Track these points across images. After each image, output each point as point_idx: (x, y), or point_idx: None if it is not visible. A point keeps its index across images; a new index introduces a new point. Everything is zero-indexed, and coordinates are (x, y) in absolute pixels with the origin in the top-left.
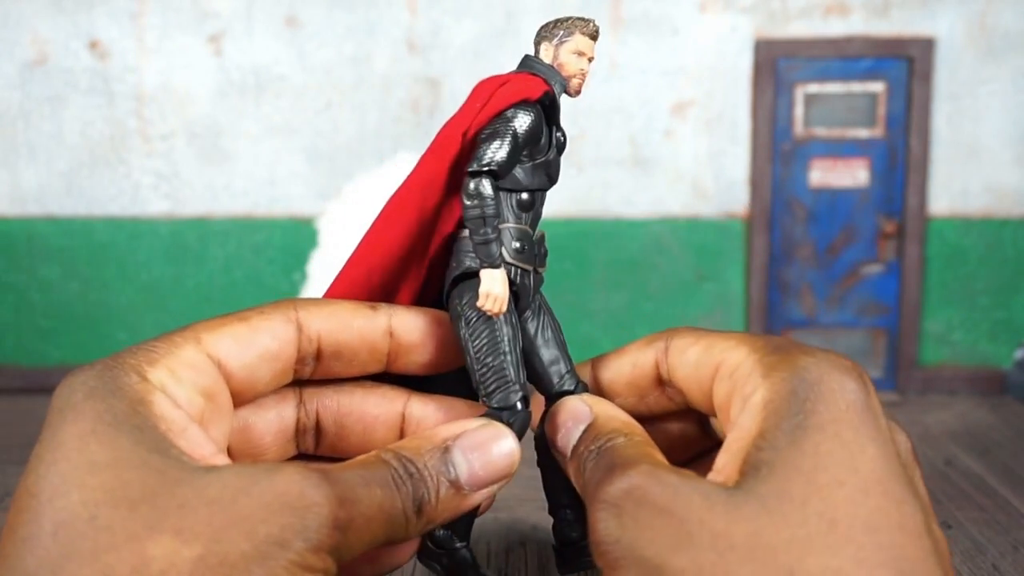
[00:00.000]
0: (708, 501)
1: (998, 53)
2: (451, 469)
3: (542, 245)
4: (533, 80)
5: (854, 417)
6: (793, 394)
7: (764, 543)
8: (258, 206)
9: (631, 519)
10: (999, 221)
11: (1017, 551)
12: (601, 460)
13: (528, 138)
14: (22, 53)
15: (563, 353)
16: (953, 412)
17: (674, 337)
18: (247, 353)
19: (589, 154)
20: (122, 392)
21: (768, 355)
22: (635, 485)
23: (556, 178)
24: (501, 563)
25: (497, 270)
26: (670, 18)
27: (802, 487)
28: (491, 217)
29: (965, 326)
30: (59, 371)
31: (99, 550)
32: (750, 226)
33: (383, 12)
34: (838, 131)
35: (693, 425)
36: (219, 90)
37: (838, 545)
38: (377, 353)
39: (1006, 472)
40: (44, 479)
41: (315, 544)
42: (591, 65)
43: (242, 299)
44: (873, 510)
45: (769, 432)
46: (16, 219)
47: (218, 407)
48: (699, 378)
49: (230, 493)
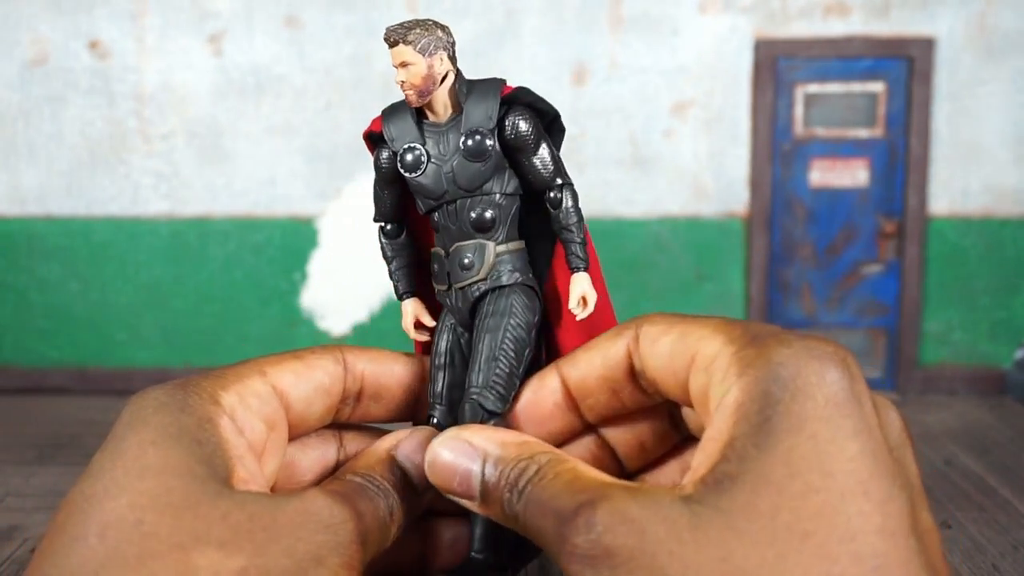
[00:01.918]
0: (674, 528)
1: (998, 53)
2: (399, 475)
3: (459, 258)
4: (371, 124)
5: (833, 412)
6: (766, 395)
7: (735, 568)
8: (258, 206)
9: (605, 568)
10: (999, 221)
11: (1017, 551)
12: (535, 505)
13: (382, 178)
14: (22, 53)
15: (476, 364)
16: (953, 412)
17: (644, 324)
18: (305, 387)
19: (589, 154)
20: (191, 409)
21: (744, 348)
22: (601, 535)
23: (438, 192)
24: None
25: (404, 303)
26: (670, 18)
27: (772, 499)
28: (386, 261)
29: (965, 326)
30: (59, 371)
31: (145, 556)
32: (750, 226)
33: (383, 12)
34: (838, 131)
35: (664, 421)
36: (219, 90)
37: (811, 561)
38: (411, 397)
39: (1006, 472)
40: (99, 482)
41: (347, 560)
42: (412, 70)
43: (242, 299)
44: (851, 516)
45: (738, 441)
46: (16, 219)
47: (277, 438)
48: (674, 369)
49: (268, 510)
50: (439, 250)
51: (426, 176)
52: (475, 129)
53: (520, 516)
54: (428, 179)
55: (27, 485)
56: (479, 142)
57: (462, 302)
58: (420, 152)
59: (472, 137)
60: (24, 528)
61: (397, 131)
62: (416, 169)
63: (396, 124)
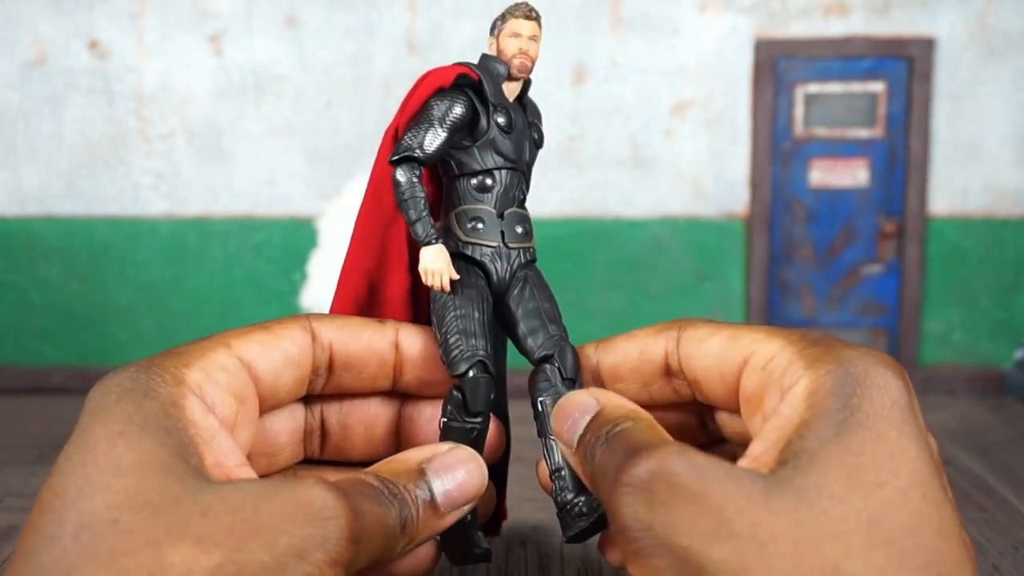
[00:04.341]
0: (745, 489)
1: (998, 53)
2: (427, 491)
3: (516, 223)
4: (447, 69)
5: (897, 416)
6: (839, 387)
7: (806, 536)
8: (258, 206)
9: (663, 504)
10: (999, 221)
11: (1017, 551)
12: (614, 444)
13: (454, 123)
14: (22, 53)
15: (545, 321)
16: (953, 412)
17: (688, 327)
18: (273, 357)
19: (589, 154)
20: (155, 394)
21: (809, 347)
22: (665, 467)
23: (514, 157)
24: (501, 563)
25: (431, 247)
26: (670, 18)
27: (843, 483)
28: (410, 200)
29: (965, 326)
30: (59, 371)
31: (117, 553)
32: (750, 226)
33: (383, 12)
34: (838, 131)
35: (693, 419)
36: (219, 90)
37: (880, 545)
38: (385, 366)
39: (1006, 472)
40: (70, 480)
41: (333, 557)
42: (535, 46)
43: (242, 299)
44: (913, 513)
45: (813, 423)
46: (16, 219)
47: (248, 411)
48: (722, 370)
49: (252, 501)
50: (487, 208)
51: (512, 139)
52: (535, 123)
53: (596, 457)
54: (513, 141)
55: (27, 485)
56: (541, 135)
57: (511, 262)
58: (515, 118)
59: (537, 129)
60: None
61: (492, 88)
62: (510, 129)
63: (489, 82)
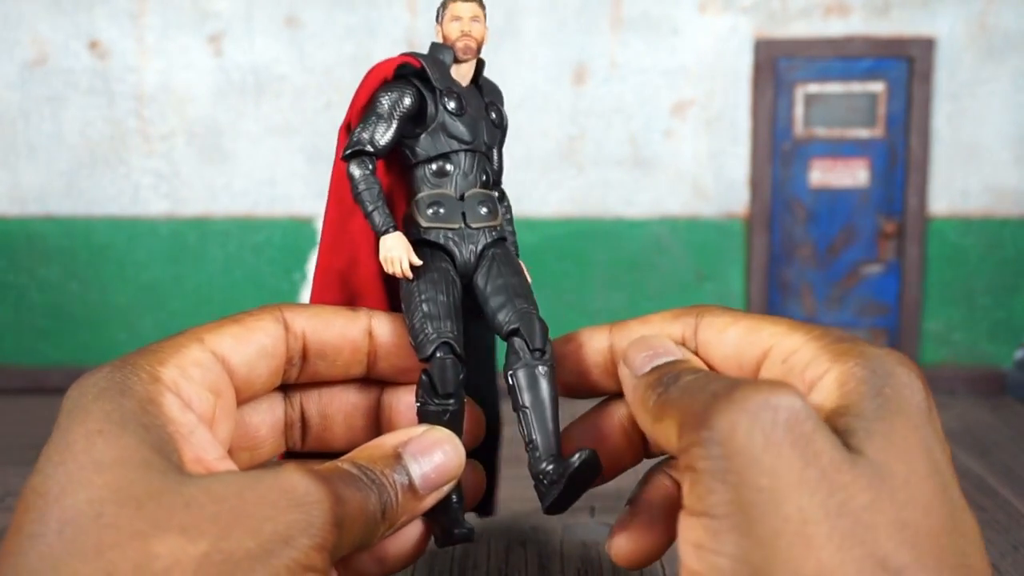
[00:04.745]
0: (837, 450)
1: (998, 53)
2: (404, 475)
3: (478, 203)
4: (390, 60)
5: (923, 413)
6: (870, 378)
7: (882, 509)
8: (258, 206)
9: (764, 436)
10: (999, 221)
11: (1017, 551)
12: (708, 378)
13: (402, 112)
14: (22, 53)
15: (511, 296)
16: (953, 412)
17: (706, 314)
18: (246, 350)
19: (589, 154)
20: (132, 392)
21: (834, 343)
22: (788, 404)
23: (469, 138)
24: (501, 563)
25: (389, 235)
26: (670, 18)
27: (892, 466)
28: (365, 192)
29: (965, 326)
30: (59, 371)
31: (103, 547)
32: (750, 226)
33: (383, 12)
34: (838, 131)
35: None
36: (219, 90)
37: (932, 529)
38: (358, 353)
39: (1006, 472)
40: (51, 478)
41: (319, 542)
42: (478, 27)
43: (242, 299)
44: (956, 509)
45: (854, 406)
46: (16, 219)
47: (225, 404)
48: (740, 360)
49: (235, 490)
50: (446, 192)
51: (463, 121)
52: (494, 103)
53: (682, 383)
54: (466, 124)
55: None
56: (501, 115)
57: (475, 242)
58: (465, 101)
59: (495, 109)
60: None
61: (437, 74)
62: (460, 112)
63: (434, 68)
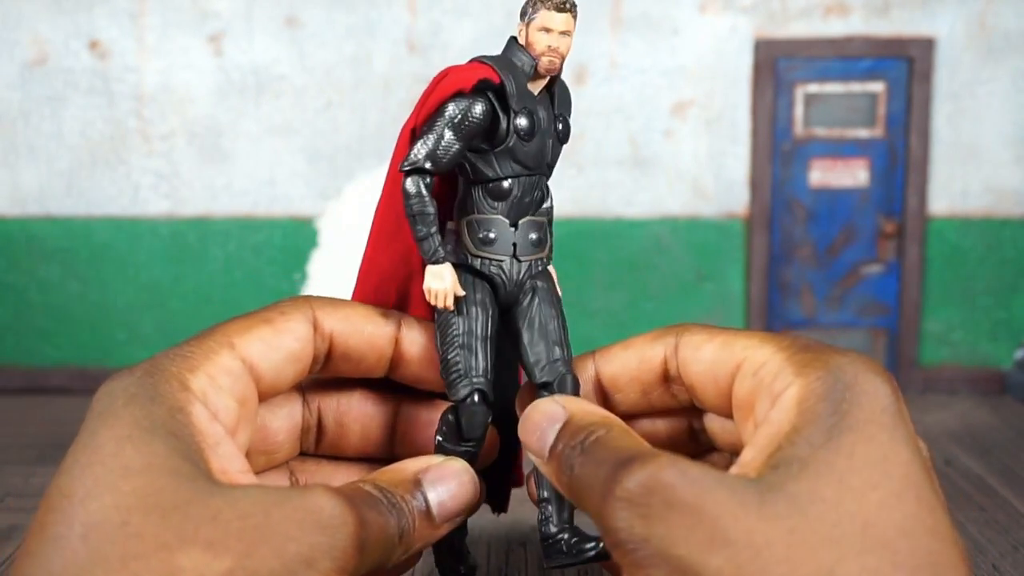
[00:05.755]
0: (738, 496)
1: (998, 53)
2: (422, 501)
3: (531, 231)
4: (470, 69)
5: (888, 420)
6: (829, 393)
7: (801, 542)
8: (258, 206)
9: (658, 517)
10: (999, 221)
11: (1017, 551)
12: (595, 454)
13: (470, 129)
14: (22, 53)
15: (550, 342)
16: (953, 412)
17: (684, 333)
18: (275, 356)
19: (589, 154)
20: (162, 399)
21: (798, 353)
22: (659, 479)
23: (533, 164)
24: (501, 563)
25: (437, 266)
26: (670, 18)
27: (835, 487)
28: (418, 216)
29: (965, 326)
30: (59, 371)
31: (128, 557)
32: (750, 226)
33: (383, 12)
34: (838, 131)
35: (683, 427)
36: (219, 90)
37: (874, 547)
38: (382, 360)
39: (1006, 472)
40: (78, 480)
41: (340, 565)
42: (567, 41)
43: (242, 299)
44: (907, 515)
45: (804, 429)
46: (16, 219)
47: (247, 411)
48: (715, 376)
49: (262, 507)
50: (500, 218)
51: (533, 145)
52: (562, 115)
53: (576, 467)
54: (534, 148)
55: (27, 485)
56: (568, 126)
57: (521, 274)
58: (537, 120)
59: (563, 120)
60: (24, 528)
61: (515, 89)
62: (531, 135)
63: (511, 83)
